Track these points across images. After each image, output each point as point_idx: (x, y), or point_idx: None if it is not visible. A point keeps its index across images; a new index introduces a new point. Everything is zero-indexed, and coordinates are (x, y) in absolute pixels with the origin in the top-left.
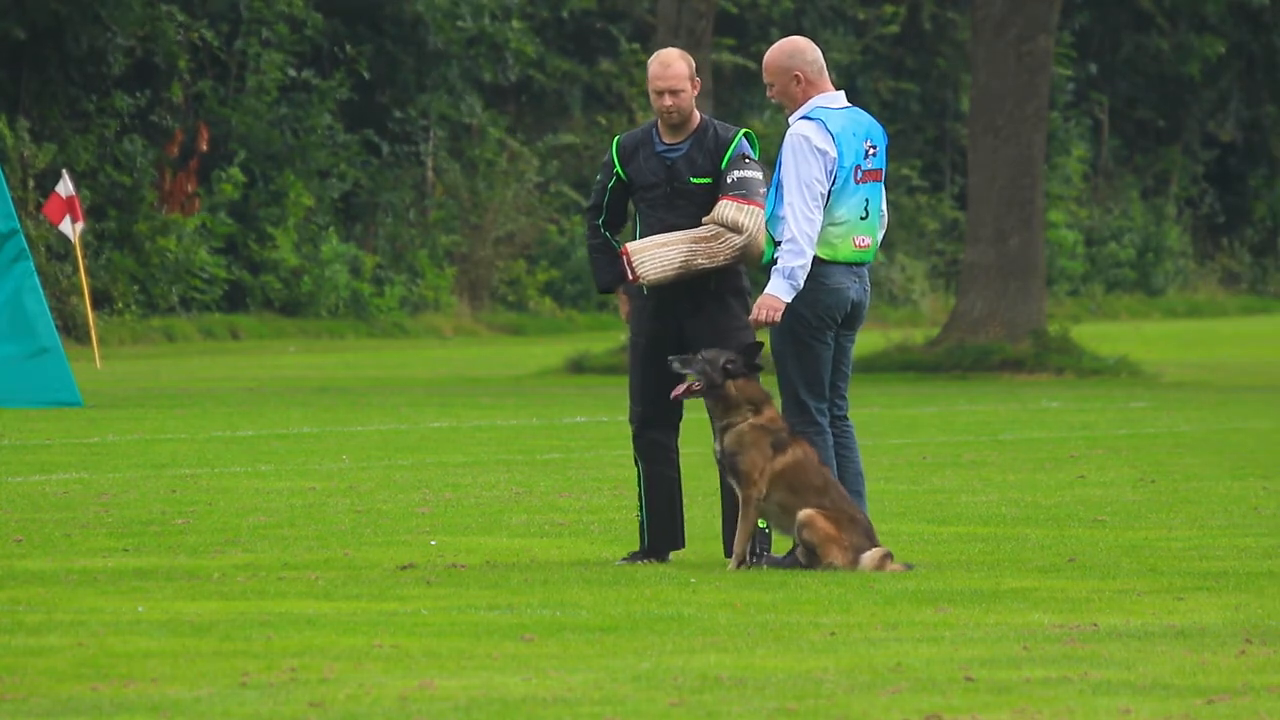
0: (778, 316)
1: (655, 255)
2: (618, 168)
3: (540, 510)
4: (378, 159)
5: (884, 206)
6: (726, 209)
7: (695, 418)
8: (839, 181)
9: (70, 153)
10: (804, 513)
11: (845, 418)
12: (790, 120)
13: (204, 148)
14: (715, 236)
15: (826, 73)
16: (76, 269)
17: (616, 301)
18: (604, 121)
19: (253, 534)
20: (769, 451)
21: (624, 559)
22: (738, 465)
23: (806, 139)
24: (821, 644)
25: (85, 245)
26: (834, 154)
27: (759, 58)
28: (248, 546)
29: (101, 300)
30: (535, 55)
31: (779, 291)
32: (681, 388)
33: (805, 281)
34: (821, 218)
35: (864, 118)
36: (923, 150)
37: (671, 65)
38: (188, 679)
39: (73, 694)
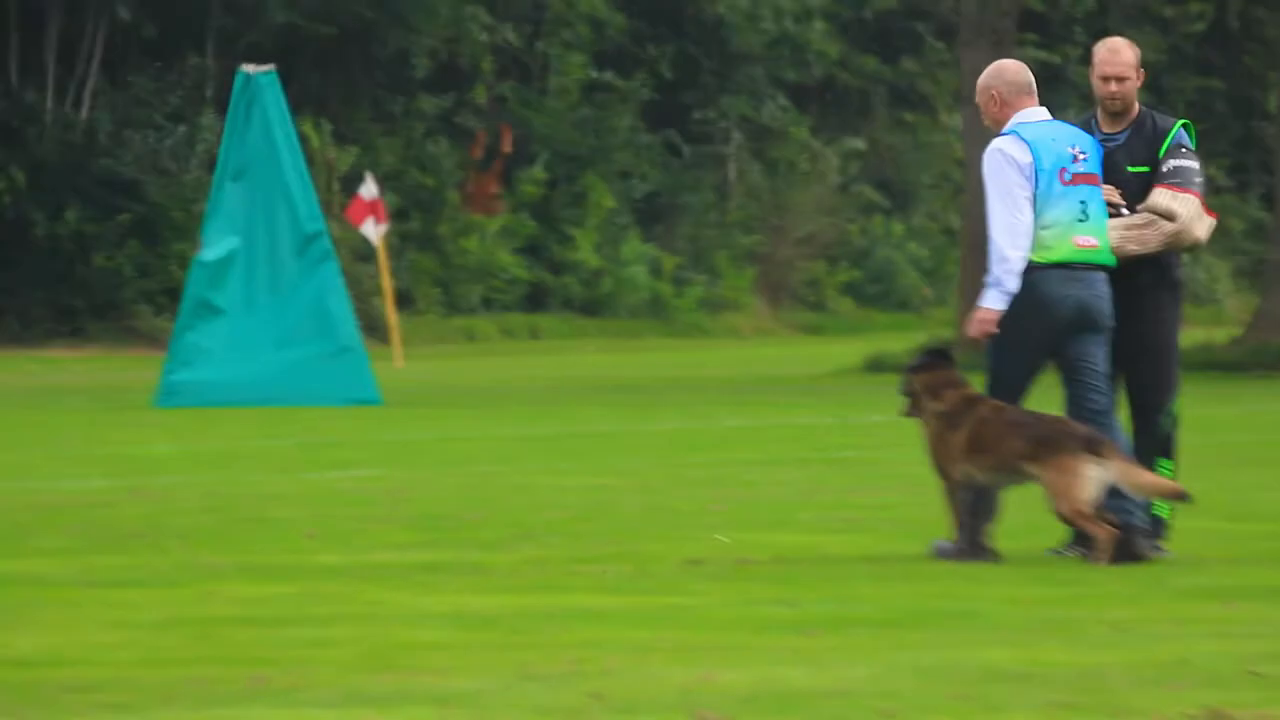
0: (990, 327)
1: None
2: None
3: (831, 507)
4: (679, 160)
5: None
6: (1160, 196)
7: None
8: (1042, 185)
9: (374, 155)
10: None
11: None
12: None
13: (507, 149)
14: (1148, 224)
15: (1030, 93)
16: (379, 270)
17: (921, 295)
18: (909, 119)
19: (544, 529)
20: (948, 435)
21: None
22: (932, 461)
23: (1000, 150)
24: (1107, 639)
25: (389, 247)
26: (1029, 159)
27: (1062, 57)
28: (539, 541)
29: (404, 300)
30: (838, 56)
31: (989, 302)
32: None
33: (1020, 290)
34: (1029, 220)
35: (1066, 127)
36: (1229, 150)
37: (1120, 52)
38: (471, 670)
39: (357, 684)
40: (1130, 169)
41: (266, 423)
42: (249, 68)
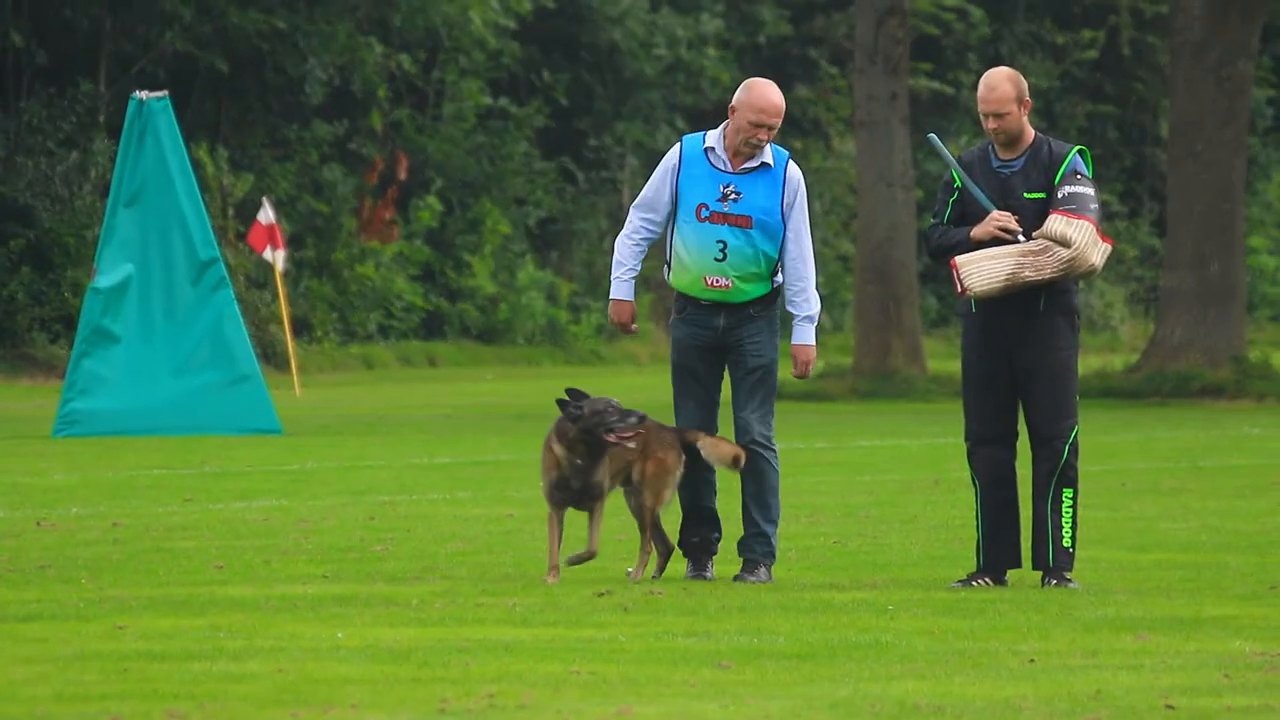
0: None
1: (982, 267)
2: (958, 182)
3: (733, 537)
4: (574, 186)
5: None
6: (1055, 223)
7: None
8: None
9: (269, 181)
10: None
11: (764, 444)
12: (777, 158)
13: (403, 176)
14: (1043, 250)
15: None
16: (276, 297)
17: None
18: (799, 146)
19: (450, 561)
20: None
21: (958, 582)
22: None
23: (803, 181)
24: (1020, 671)
25: (285, 273)
26: None
27: (956, 83)
28: (446, 573)
29: (300, 328)
30: (731, 82)
31: (812, 339)
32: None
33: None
34: None
35: None
36: (1120, 176)
37: (996, 89)
38: (386, 705)
39: None
40: (1026, 195)
41: (167, 452)
42: (142, 94)
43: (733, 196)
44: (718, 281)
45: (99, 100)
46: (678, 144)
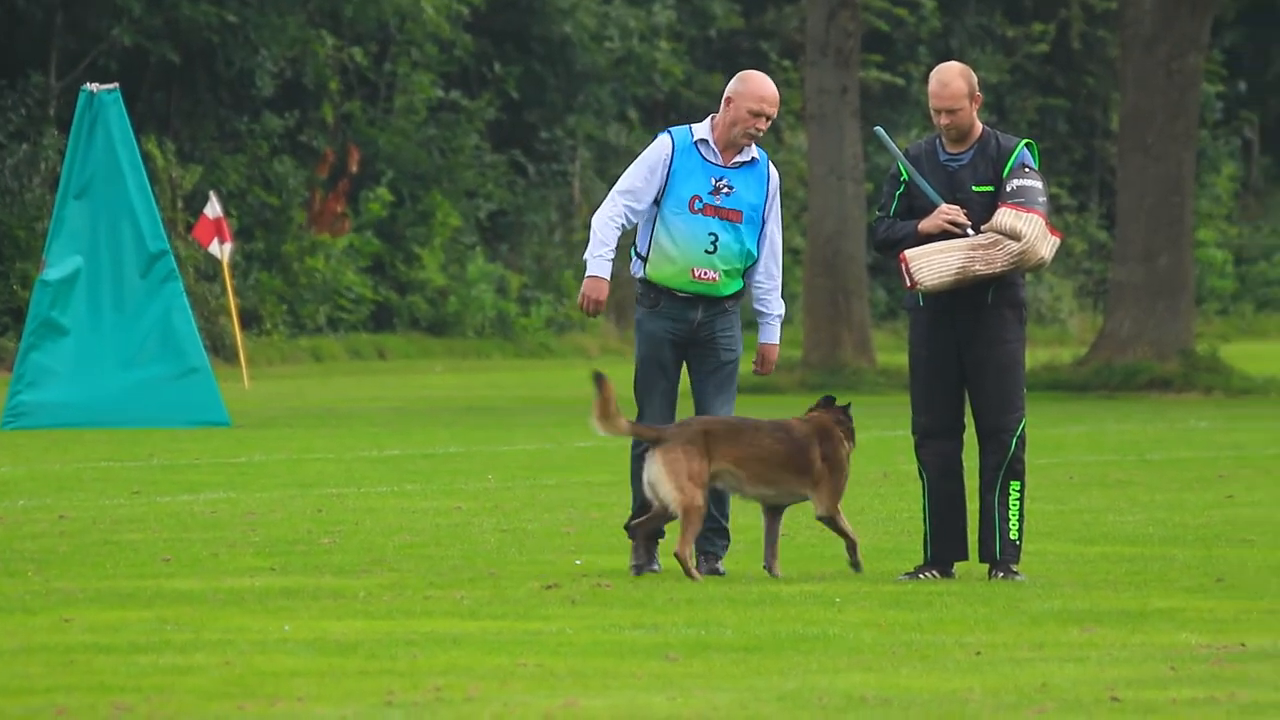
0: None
1: (932, 261)
2: (904, 175)
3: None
4: (524, 179)
5: (753, 249)
6: (1005, 216)
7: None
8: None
9: (218, 173)
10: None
11: None
12: (760, 154)
13: (354, 168)
14: (993, 244)
15: None
16: (225, 289)
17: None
18: None
19: (398, 553)
20: None
21: (906, 574)
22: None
23: None
24: (967, 664)
25: (234, 266)
26: None
27: (906, 76)
28: (393, 566)
29: (250, 320)
30: (683, 75)
31: (779, 338)
32: None
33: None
34: None
35: None
36: (1070, 169)
37: (949, 85)
38: (333, 698)
39: (220, 712)
40: (975, 188)
41: (115, 445)
42: (93, 86)
43: (725, 190)
44: (705, 274)
45: (49, 93)
46: (665, 136)
